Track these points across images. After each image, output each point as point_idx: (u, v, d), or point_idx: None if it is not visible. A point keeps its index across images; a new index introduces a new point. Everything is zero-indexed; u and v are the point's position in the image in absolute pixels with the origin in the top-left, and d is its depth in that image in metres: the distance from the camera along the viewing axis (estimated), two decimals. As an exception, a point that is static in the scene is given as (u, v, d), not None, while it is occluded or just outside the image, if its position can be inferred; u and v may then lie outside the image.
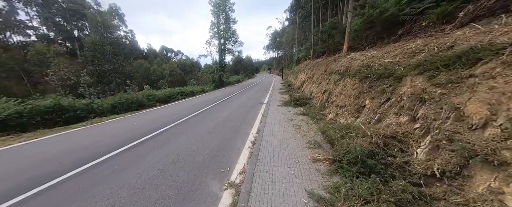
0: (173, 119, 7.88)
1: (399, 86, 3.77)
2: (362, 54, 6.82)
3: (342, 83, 6.88)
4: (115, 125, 7.73)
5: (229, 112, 9.12)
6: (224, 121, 7.43)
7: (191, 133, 6.04)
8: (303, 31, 31.68)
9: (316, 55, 16.31)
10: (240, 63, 57.59)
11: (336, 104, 6.55)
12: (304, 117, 7.26)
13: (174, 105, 13.45)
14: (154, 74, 34.12)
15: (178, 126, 6.87)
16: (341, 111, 5.97)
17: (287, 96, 12.96)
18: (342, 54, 9.10)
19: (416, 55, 3.81)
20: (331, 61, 9.76)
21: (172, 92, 17.61)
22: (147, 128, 6.74)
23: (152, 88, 23.42)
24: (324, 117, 6.72)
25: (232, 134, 5.81)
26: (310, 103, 9.32)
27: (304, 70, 17.66)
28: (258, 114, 8.40)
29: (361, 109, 4.99)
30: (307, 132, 5.47)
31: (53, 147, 5.24)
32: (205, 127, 6.59)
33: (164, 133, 6.10)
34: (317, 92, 9.66)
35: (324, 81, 9.24)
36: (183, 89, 19.52)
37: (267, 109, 9.27)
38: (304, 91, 13.02)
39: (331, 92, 7.61)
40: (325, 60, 11.89)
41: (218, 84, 27.59)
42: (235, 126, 6.73)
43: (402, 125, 3.28)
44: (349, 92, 5.91)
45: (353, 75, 6.05)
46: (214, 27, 26.61)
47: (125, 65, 16.60)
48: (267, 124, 6.47)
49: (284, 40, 54.81)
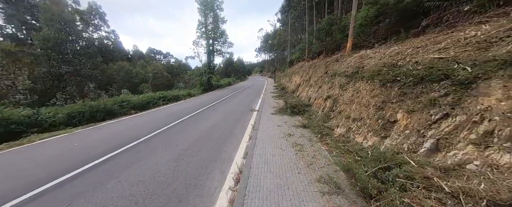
0: (135, 136, 6.07)
1: (469, 96, 2.32)
2: (376, 51, 5.45)
3: (351, 88, 5.45)
4: (44, 147, 5.67)
5: (212, 123, 7.43)
6: (201, 138, 5.73)
7: (145, 163, 4.19)
8: (295, 33, 30.70)
9: (311, 55, 15.05)
10: (231, 65, 55.91)
11: (346, 114, 5.09)
12: (305, 131, 5.74)
13: (150, 113, 11.56)
14: (136, 78, 31.57)
15: (133, 149, 5.04)
16: (355, 124, 4.50)
17: (281, 102, 11.47)
18: (346, 52, 7.75)
19: (494, 47, 2.38)
20: (332, 62, 8.40)
21: (151, 98, 15.65)
22: (85, 153, 4.87)
23: (133, 93, 21.15)
24: (330, 132, 5.23)
25: (208, 163, 4.14)
26: (309, 111, 7.85)
27: (298, 73, 16.35)
28: (247, 126, 6.79)
29: (389, 125, 3.53)
30: (313, 157, 3.92)
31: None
32: (172, 150, 4.85)
33: (104, 165, 4.20)
34: (317, 98, 8.23)
35: (325, 85, 7.83)
36: (165, 94, 17.57)
37: (258, 118, 7.68)
38: (300, 96, 11.59)
39: (336, 99, 6.17)
40: (323, 61, 10.56)
41: (207, 88, 25.75)
42: (215, 146, 5.05)
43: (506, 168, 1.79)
44: (365, 100, 4.46)
45: (369, 78, 4.62)
46: (202, 27, 24.90)
47: (89, 66, 14.35)
48: (258, 143, 4.87)
49: (276, 43, 54.02)
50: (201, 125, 7.25)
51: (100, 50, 48.14)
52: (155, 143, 5.48)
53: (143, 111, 13.01)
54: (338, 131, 5.08)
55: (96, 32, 53.56)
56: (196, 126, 7.09)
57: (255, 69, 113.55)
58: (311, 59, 14.89)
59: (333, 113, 5.99)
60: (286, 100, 9.92)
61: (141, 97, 15.26)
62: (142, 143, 5.47)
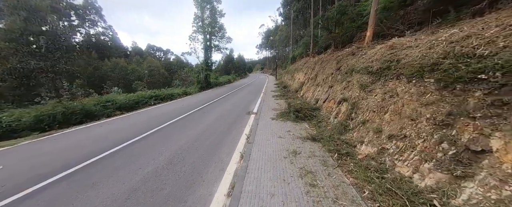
0: (94, 151, 4.67)
1: None
2: (415, 39, 3.94)
3: (380, 90, 3.96)
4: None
5: (198, 132, 6.01)
6: (178, 156, 4.31)
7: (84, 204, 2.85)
8: (298, 28, 28.99)
9: (317, 50, 13.50)
10: (231, 62, 54.33)
11: (375, 127, 3.62)
12: (315, 146, 4.29)
13: (135, 115, 10.22)
14: (132, 75, 30.20)
15: (75, 177, 3.64)
16: (394, 145, 3.04)
17: (283, 103, 10.01)
18: (364, 44, 6.23)
19: None
20: (345, 56, 6.88)
21: (141, 97, 14.28)
22: (11, 182, 3.50)
23: (127, 91, 19.74)
24: (352, 150, 3.78)
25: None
26: (318, 116, 6.38)
27: (302, 70, 14.82)
28: (240, 137, 5.35)
29: (471, 156, 2.07)
30: (334, 200, 2.48)
31: None
32: (130, 179, 3.44)
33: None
34: (327, 100, 6.74)
35: (337, 84, 6.33)
36: (158, 93, 16.21)
37: (255, 124, 6.25)
38: (305, 96, 10.10)
39: (356, 104, 4.68)
40: (332, 55, 9.04)
41: (204, 86, 24.34)
42: (191, 175, 3.63)
43: None
44: (410, 109, 2.98)
45: (413, 76, 3.14)
46: (198, 21, 23.29)
47: (65, 62, 12.85)
48: (251, 168, 3.43)
49: (277, 39, 52.25)
50: (183, 135, 5.82)
51: (96, 46, 46.89)
52: (120, 160, 4.08)
53: (131, 112, 11.70)
54: (363, 150, 3.62)
55: (92, 28, 52.39)
56: (177, 136, 5.66)
57: (256, 66, 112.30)
58: (316, 54, 13.34)
59: (353, 122, 4.52)
60: (289, 102, 8.46)
61: (129, 96, 13.88)
62: (97, 164, 4.07)
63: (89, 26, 50.36)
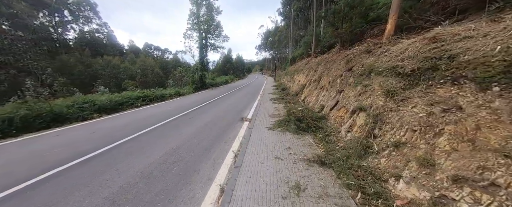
0: (26, 175, 3.39)
1: None
2: (475, 29, 2.75)
3: (422, 100, 2.75)
4: None
5: (175, 145, 4.74)
6: (140, 182, 3.05)
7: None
8: (299, 28, 27.92)
9: (320, 49, 12.33)
10: (229, 62, 53.11)
11: (421, 156, 2.40)
12: (326, 175, 3.05)
13: (114, 118, 9.06)
14: (124, 73, 28.76)
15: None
16: (470, 195, 1.83)
17: (281, 107, 8.79)
18: (384, 39, 5.03)
19: None
20: (358, 54, 5.69)
21: (126, 98, 12.97)
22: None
23: (119, 91, 18.31)
24: (383, 189, 2.55)
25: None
26: (324, 128, 5.15)
27: (302, 71, 13.63)
28: (225, 157, 4.09)
29: None
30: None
31: None
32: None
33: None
34: (336, 107, 5.52)
35: (349, 88, 5.12)
36: (147, 93, 14.91)
37: (247, 136, 5.00)
38: (307, 101, 8.87)
39: (380, 116, 3.47)
40: (339, 54, 7.85)
41: (199, 86, 23.07)
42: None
43: None
44: (496, 137, 1.78)
45: (491, 79, 1.94)
46: (194, 17, 22.05)
47: (30, 56, 11.42)
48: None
49: (277, 39, 51.27)
50: (157, 150, 4.54)
51: (90, 43, 45.31)
52: (44, 195, 2.79)
53: (112, 114, 10.46)
54: (403, 191, 2.39)
55: (86, 25, 50.76)
56: (148, 153, 4.38)
57: (255, 67, 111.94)
58: (319, 54, 12.16)
59: (378, 142, 3.29)
60: (289, 108, 7.23)
61: (112, 97, 12.54)
62: (29, 191, 2.78)
63: (83, 23, 48.90)
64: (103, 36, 54.29)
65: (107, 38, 56.69)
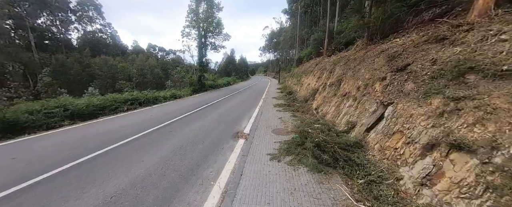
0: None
1: None
2: None
3: None
4: None
5: (114, 191, 2.85)
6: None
7: None
8: (307, 25, 25.95)
9: (334, 47, 10.31)
10: (232, 63, 51.46)
11: None
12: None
13: (81, 128, 7.30)
14: (122, 74, 27.34)
15: None
16: None
17: (288, 117, 6.82)
18: (472, 18, 3.01)
19: None
20: (416, 45, 3.68)
21: (110, 101, 11.27)
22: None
23: (113, 91, 16.75)
24: None
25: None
26: (364, 164, 3.15)
27: (312, 72, 11.62)
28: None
29: None
30: None
31: None
32: None
33: None
34: (382, 130, 3.51)
35: (410, 102, 3.12)
36: (137, 96, 13.17)
37: (238, 173, 3.05)
38: (323, 112, 6.83)
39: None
40: (370, 50, 5.84)
41: (197, 88, 21.33)
42: None
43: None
44: None
45: None
46: (193, 14, 20.40)
47: None
48: None
49: (282, 39, 49.40)
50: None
51: (91, 43, 44.58)
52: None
53: (88, 121, 8.81)
54: None
55: (89, 25, 50.18)
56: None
57: (259, 69, 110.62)
58: (336, 51, 10.11)
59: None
60: (300, 123, 5.24)
61: (92, 100, 10.81)
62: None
63: (86, 22, 48.28)
64: (107, 36, 53.75)
65: (111, 38, 56.15)
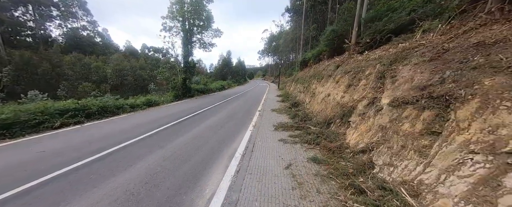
0: None
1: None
2: None
3: None
4: None
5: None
6: None
7: None
8: (314, 21, 22.62)
9: (372, 38, 6.73)
10: (228, 66, 47.88)
11: None
12: None
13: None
14: (96, 74, 23.45)
15: None
16: None
17: (302, 162, 3.05)
18: None
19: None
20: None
21: (28, 114, 7.40)
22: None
23: (74, 97, 12.83)
24: None
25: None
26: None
27: (332, 77, 7.97)
28: None
29: None
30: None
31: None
32: None
33: None
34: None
35: None
36: (85, 104, 9.22)
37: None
38: (378, 158, 3.11)
39: None
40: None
41: (181, 93, 17.55)
42: None
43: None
44: None
45: None
46: (177, 4, 16.85)
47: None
48: None
49: (282, 43, 46.33)
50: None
51: (74, 40, 40.67)
52: None
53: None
54: None
55: (74, 22, 46.24)
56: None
57: (258, 73, 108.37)
58: (367, 46, 6.54)
59: None
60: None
61: None
62: None
63: (66, 18, 43.96)
64: (93, 34, 49.80)
65: (100, 37, 52.25)
